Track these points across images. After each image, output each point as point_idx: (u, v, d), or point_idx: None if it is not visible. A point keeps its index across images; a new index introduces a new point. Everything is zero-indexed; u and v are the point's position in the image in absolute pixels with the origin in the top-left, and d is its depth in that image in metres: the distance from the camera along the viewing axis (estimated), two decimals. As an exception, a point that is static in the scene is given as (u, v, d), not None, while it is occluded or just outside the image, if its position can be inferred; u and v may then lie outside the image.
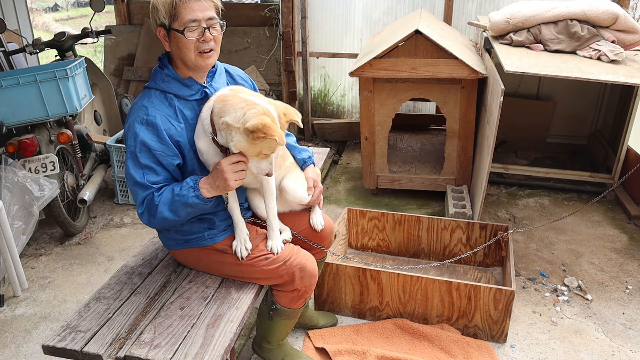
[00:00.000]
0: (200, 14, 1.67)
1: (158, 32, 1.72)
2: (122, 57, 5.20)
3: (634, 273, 2.92)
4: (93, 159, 3.77)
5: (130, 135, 1.70)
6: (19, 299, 2.76)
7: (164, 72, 1.76)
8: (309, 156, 2.13)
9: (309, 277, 1.91)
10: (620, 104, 3.86)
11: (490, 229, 2.84)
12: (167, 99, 1.75)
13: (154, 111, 1.70)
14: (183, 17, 1.66)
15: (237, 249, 1.87)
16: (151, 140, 1.68)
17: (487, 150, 2.96)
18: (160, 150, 1.70)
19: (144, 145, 1.68)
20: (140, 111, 1.71)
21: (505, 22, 3.33)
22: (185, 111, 1.76)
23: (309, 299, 2.02)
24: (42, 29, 10.76)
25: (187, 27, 1.66)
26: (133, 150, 1.69)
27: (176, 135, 1.73)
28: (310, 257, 1.96)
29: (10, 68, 3.91)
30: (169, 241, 1.94)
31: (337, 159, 4.70)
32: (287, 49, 4.80)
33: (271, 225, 1.91)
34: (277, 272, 1.87)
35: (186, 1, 1.65)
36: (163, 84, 1.75)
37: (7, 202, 2.70)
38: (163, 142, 1.70)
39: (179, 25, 1.67)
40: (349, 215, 3.05)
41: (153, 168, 1.70)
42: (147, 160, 1.69)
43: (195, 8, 1.66)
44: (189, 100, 1.77)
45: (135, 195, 1.73)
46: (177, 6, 1.65)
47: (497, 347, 2.37)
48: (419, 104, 4.84)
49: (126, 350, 1.57)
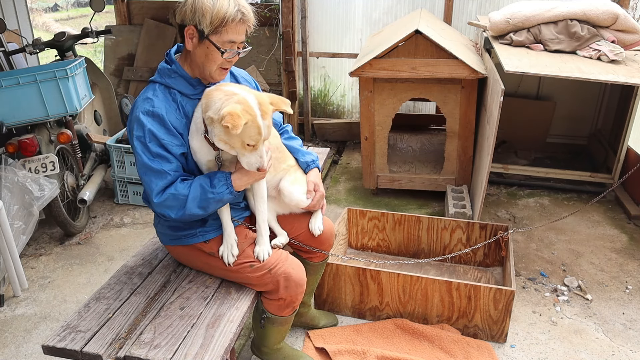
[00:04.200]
0: (239, 37, 1.71)
1: (187, 29, 1.69)
2: (122, 57, 5.20)
3: (634, 273, 2.92)
4: (93, 159, 3.77)
5: (138, 126, 1.69)
6: (19, 299, 2.76)
7: (171, 67, 1.76)
8: (313, 159, 2.10)
9: (294, 287, 1.88)
10: (620, 104, 3.86)
11: (490, 229, 2.84)
12: (170, 94, 1.75)
13: (159, 103, 1.71)
14: (225, 36, 1.68)
15: (224, 254, 1.85)
16: (159, 131, 1.69)
17: (487, 150, 2.96)
18: (168, 140, 1.70)
19: (152, 135, 1.68)
20: (145, 103, 1.71)
21: (505, 22, 3.32)
22: (187, 107, 1.77)
23: (297, 307, 1.99)
24: (42, 29, 10.76)
25: (225, 45, 1.69)
26: (143, 140, 1.69)
27: (180, 128, 1.74)
28: (298, 265, 1.92)
29: (10, 68, 3.91)
30: (162, 236, 1.95)
31: (337, 159, 4.70)
32: (287, 49, 4.80)
33: (260, 230, 1.89)
34: (262, 279, 1.86)
35: (236, 24, 1.67)
36: (169, 79, 1.75)
37: (7, 202, 2.70)
38: (170, 133, 1.70)
39: (218, 41, 1.68)
40: (349, 215, 3.05)
41: (164, 156, 1.70)
42: (158, 148, 1.69)
43: (239, 31, 1.70)
44: (192, 99, 1.78)
45: (150, 184, 1.70)
46: (227, 24, 1.66)
47: (497, 347, 2.37)
48: (419, 104, 4.84)
49: (126, 351, 1.57)
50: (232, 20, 1.66)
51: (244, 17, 1.69)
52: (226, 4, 1.65)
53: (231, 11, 1.65)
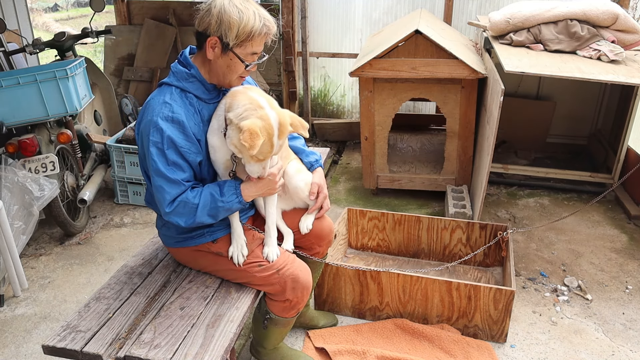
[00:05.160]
0: (260, 48, 1.74)
1: (210, 39, 1.67)
2: (122, 57, 5.20)
3: (634, 273, 2.92)
4: (93, 159, 3.77)
5: (155, 131, 1.67)
6: (19, 299, 2.76)
7: (190, 72, 1.74)
8: (316, 159, 2.11)
9: (300, 289, 1.89)
10: (620, 104, 3.86)
11: (490, 229, 2.84)
12: (187, 98, 1.74)
13: (179, 108, 1.70)
14: (250, 48, 1.70)
15: (234, 255, 1.86)
16: (178, 137, 1.68)
17: (487, 150, 2.96)
18: (187, 148, 1.70)
19: (171, 142, 1.67)
20: (164, 108, 1.69)
21: (505, 22, 3.32)
22: (204, 112, 1.77)
23: (302, 309, 2.00)
24: (42, 29, 10.76)
25: (248, 58, 1.71)
26: (161, 147, 1.67)
27: (198, 134, 1.74)
28: (305, 268, 1.93)
29: (10, 68, 3.91)
30: (167, 239, 1.94)
31: (337, 159, 4.70)
32: (287, 49, 4.80)
33: (269, 231, 1.90)
34: (269, 280, 1.86)
35: (261, 37, 1.70)
36: (187, 83, 1.74)
37: (7, 202, 2.70)
38: (189, 140, 1.70)
39: (242, 53, 1.70)
40: (349, 215, 3.05)
41: (179, 164, 1.70)
42: (175, 156, 1.69)
43: (260, 43, 1.72)
44: (209, 104, 1.78)
45: (163, 193, 1.69)
46: (253, 38, 1.68)
47: (497, 347, 2.37)
48: (419, 104, 4.84)
49: (126, 350, 1.57)
50: (258, 34, 1.67)
51: (268, 31, 1.71)
52: (252, 19, 1.65)
53: (257, 26, 1.66)
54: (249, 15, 1.65)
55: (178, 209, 1.70)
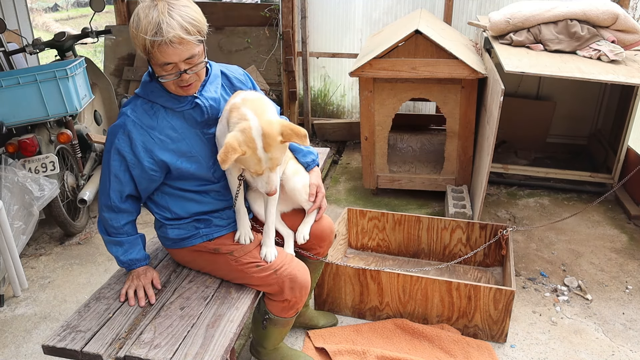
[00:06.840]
0: (176, 57, 1.56)
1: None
2: (122, 57, 5.20)
3: (634, 273, 2.92)
4: (93, 159, 3.76)
5: (110, 137, 1.72)
6: (19, 299, 2.76)
7: (152, 82, 1.70)
8: (313, 159, 2.08)
9: (299, 289, 1.88)
10: (620, 104, 3.86)
11: (490, 228, 2.84)
12: (152, 109, 1.71)
13: (132, 125, 1.69)
14: (157, 60, 1.58)
15: (241, 237, 1.87)
16: (124, 151, 1.71)
17: (487, 150, 2.96)
18: (132, 162, 1.72)
19: (118, 152, 1.71)
20: (124, 119, 1.70)
21: (505, 22, 3.32)
22: (174, 121, 1.73)
23: (300, 308, 1.99)
24: (42, 29, 10.77)
25: (162, 68, 1.60)
26: (109, 150, 1.73)
27: (156, 149, 1.71)
28: (303, 267, 1.92)
29: (10, 68, 3.91)
30: (165, 241, 1.94)
31: (337, 159, 4.70)
32: (287, 49, 4.79)
33: (268, 231, 1.89)
34: (267, 280, 1.85)
35: (160, 46, 1.53)
36: (151, 94, 1.71)
37: (7, 202, 2.70)
38: (135, 155, 1.71)
39: (154, 65, 1.62)
40: (349, 215, 3.05)
41: (119, 177, 1.74)
42: (117, 165, 1.73)
43: (170, 53, 1.55)
44: (181, 111, 1.74)
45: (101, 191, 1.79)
46: (150, 52, 1.56)
47: (497, 347, 2.37)
48: (419, 104, 4.84)
49: (126, 350, 1.57)
50: (151, 44, 1.53)
51: (165, 39, 1.51)
52: (145, 27, 1.52)
53: (149, 35, 1.51)
54: (145, 23, 1.52)
55: (101, 219, 1.84)
